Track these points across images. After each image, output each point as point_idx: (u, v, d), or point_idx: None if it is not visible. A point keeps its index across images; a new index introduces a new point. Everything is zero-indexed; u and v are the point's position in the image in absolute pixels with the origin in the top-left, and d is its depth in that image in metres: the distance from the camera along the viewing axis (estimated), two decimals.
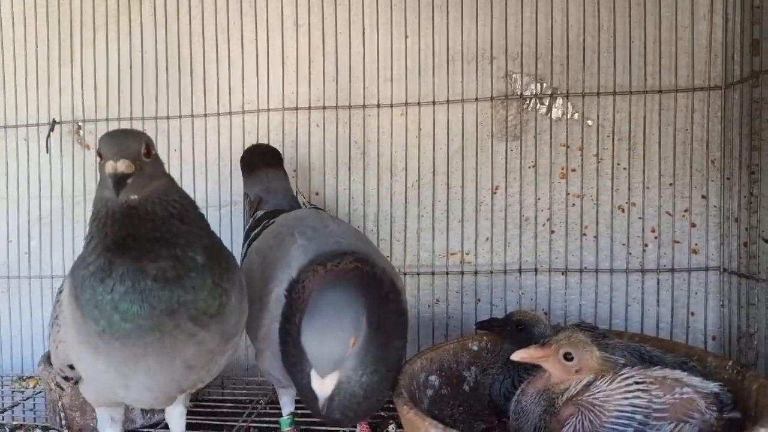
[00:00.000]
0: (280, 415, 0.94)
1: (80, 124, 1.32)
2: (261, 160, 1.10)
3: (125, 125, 1.27)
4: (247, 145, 1.23)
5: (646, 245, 1.16)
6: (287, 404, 0.93)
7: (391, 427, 0.98)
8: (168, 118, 1.27)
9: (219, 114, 1.25)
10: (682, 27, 1.12)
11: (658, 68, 1.12)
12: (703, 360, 0.84)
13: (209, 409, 1.09)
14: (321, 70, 1.22)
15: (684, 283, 1.14)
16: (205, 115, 1.25)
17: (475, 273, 1.19)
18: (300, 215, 0.95)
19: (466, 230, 1.19)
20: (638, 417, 0.67)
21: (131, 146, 0.63)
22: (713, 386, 0.71)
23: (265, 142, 1.22)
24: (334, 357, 0.63)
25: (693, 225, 1.15)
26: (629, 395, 0.68)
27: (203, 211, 0.82)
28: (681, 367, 0.80)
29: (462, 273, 1.19)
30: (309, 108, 1.21)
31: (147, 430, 1.02)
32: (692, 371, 0.78)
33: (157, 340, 0.62)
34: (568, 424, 0.69)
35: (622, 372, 0.70)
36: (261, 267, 0.83)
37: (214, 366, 0.72)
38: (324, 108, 1.21)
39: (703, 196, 1.14)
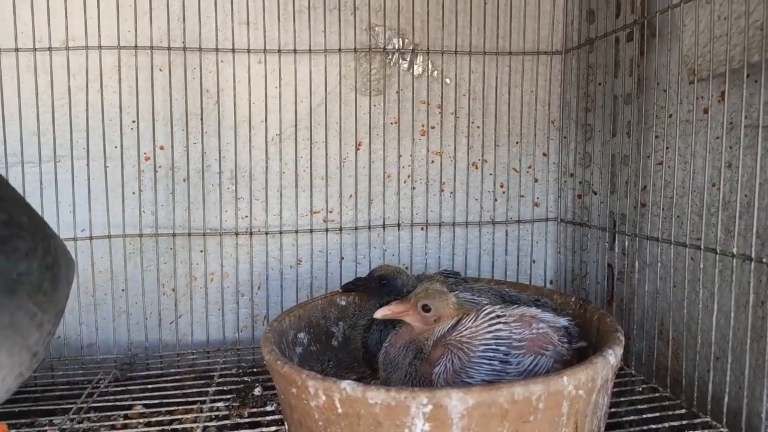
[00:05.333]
0: (126, 392, 0.84)
1: None
2: None
3: None
4: (73, 91, 1.05)
5: (496, 200, 1.24)
6: None
7: (257, 390, 0.95)
8: None
9: (36, 50, 1.03)
10: None
11: (509, 31, 1.18)
12: (550, 298, 0.93)
13: (38, 394, 0.94)
14: (165, 5, 1.07)
15: (528, 234, 1.25)
16: (17, 50, 1.03)
17: (340, 230, 1.17)
18: None
19: (329, 187, 1.16)
20: (502, 349, 0.70)
21: None
22: (563, 321, 0.77)
23: (96, 86, 1.05)
24: None
25: (536, 180, 1.25)
26: (492, 329, 0.71)
27: (17, 168, 0.63)
28: (535, 304, 0.87)
29: (326, 231, 1.16)
30: (151, 48, 1.06)
31: None
32: (545, 307, 0.85)
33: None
34: (438, 364, 0.70)
35: (484, 309, 0.73)
36: None
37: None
38: (169, 49, 1.07)
39: (544, 154, 1.24)
